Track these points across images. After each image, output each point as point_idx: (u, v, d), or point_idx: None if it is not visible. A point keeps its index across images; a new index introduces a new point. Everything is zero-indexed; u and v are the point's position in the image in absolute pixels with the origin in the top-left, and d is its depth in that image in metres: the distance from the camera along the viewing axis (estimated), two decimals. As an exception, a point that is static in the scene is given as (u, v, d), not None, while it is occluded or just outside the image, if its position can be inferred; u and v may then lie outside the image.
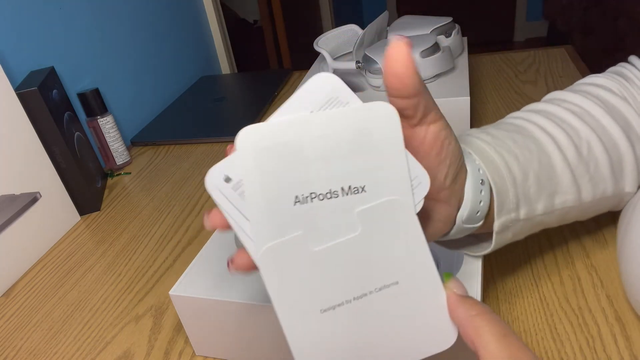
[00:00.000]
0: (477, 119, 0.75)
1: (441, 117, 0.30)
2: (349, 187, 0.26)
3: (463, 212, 0.34)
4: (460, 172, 0.33)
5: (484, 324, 0.25)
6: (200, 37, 1.23)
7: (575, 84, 0.46)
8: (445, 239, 0.37)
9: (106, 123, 0.77)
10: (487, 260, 0.47)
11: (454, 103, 0.63)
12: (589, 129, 0.41)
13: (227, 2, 2.08)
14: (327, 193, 0.26)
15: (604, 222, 0.50)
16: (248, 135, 0.25)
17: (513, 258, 0.47)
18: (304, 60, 1.21)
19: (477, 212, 0.35)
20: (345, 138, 0.26)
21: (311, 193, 0.26)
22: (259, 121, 0.91)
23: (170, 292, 0.39)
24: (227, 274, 0.40)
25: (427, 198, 0.28)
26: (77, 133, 0.71)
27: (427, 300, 0.27)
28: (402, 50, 0.26)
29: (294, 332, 0.26)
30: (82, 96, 0.76)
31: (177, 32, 1.13)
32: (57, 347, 0.47)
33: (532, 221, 0.39)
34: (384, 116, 0.26)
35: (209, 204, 0.66)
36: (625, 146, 0.41)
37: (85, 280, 0.56)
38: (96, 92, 0.76)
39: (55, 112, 0.65)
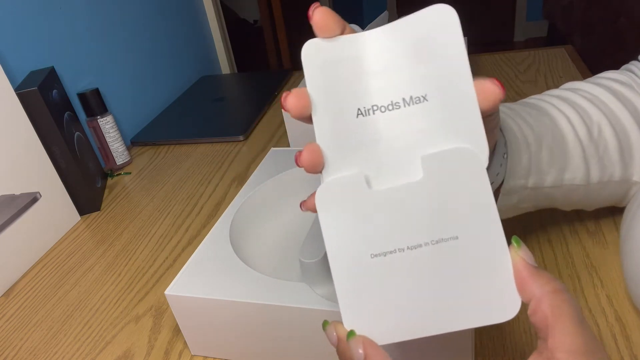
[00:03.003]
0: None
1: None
2: (410, 98, 0.26)
3: None
4: None
5: (564, 304, 0.23)
6: (200, 37, 1.23)
7: (591, 77, 0.48)
8: None
9: (106, 123, 0.77)
10: (487, 260, 0.48)
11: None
12: (600, 113, 0.41)
13: (227, 2, 2.08)
14: (388, 105, 0.26)
15: (604, 222, 0.50)
16: (311, 48, 0.26)
17: (513, 258, 0.47)
18: (304, 60, 1.21)
19: (492, 182, 0.36)
20: (405, 49, 0.25)
21: (373, 105, 0.26)
22: (258, 122, 0.91)
23: (166, 292, 0.39)
24: (222, 273, 0.41)
25: None
26: (77, 133, 0.71)
27: (489, 263, 0.25)
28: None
29: (340, 273, 0.25)
30: (82, 96, 0.76)
31: (177, 32, 1.13)
32: (57, 347, 0.47)
33: (538, 192, 0.39)
34: (441, 20, 0.25)
35: (209, 203, 0.66)
36: (635, 133, 0.41)
37: (85, 280, 0.56)
38: (96, 92, 0.76)
39: (55, 112, 0.65)
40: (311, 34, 0.31)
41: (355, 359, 0.24)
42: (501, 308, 0.24)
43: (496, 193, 0.39)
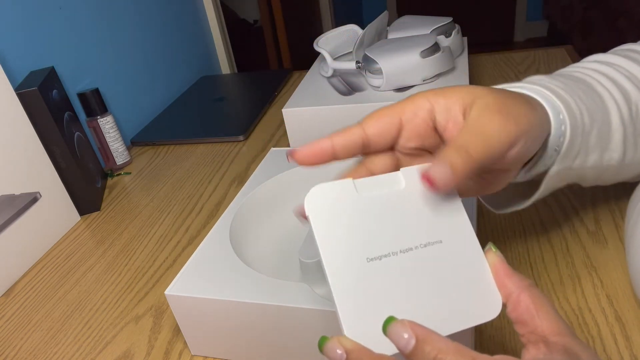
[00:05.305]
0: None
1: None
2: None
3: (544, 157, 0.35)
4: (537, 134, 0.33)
5: (541, 295, 0.25)
6: (200, 37, 1.23)
7: (613, 49, 0.46)
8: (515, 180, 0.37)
9: (106, 123, 0.77)
10: (487, 260, 0.48)
11: (454, 103, 0.62)
12: (637, 92, 0.41)
13: (227, 2, 2.08)
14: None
15: (604, 222, 0.50)
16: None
17: (513, 258, 0.47)
18: (304, 60, 1.21)
19: (555, 149, 0.35)
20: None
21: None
22: (258, 122, 0.91)
23: (166, 292, 0.39)
24: (222, 273, 0.40)
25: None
26: (77, 133, 0.71)
27: (470, 264, 0.27)
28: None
29: (338, 279, 0.25)
30: (82, 96, 0.76)
31: (177, 32, 1.13)
32: (57, 347, 0.47)
33: (578, 172, 0.38)
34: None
35: (209, 203, 0.66)
36: None
37: (85, 280, 0.56)
38: (96, 92, 0.76)
39: (55, 112, 0.65)
40: (311, 34, 0.31)
41: None
42: (487, 307, 0.26)
43: (541, 176, 0.38)
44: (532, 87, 0.37)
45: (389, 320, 0.24)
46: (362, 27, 0.76)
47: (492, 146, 0.29)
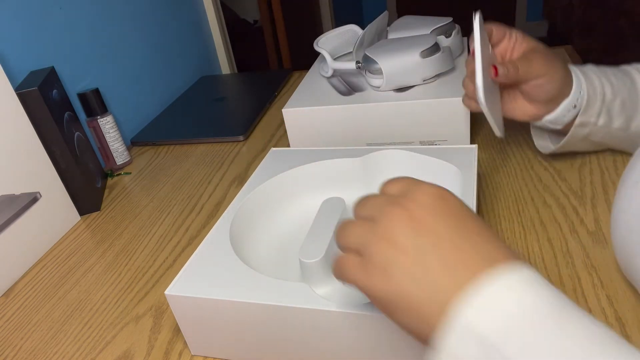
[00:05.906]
0: (477, 119, 0.75)
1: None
2: None
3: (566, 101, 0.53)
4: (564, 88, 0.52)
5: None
6: (200, 37, 1.23)
7: None
8: (540, 123, 0.55)
9: (106, 123, 0.77)
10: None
11: (454, 103, 0.63)
12: None
13: (227, 2, 2.08)
14: None
15: (604, 222, 0.50)
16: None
17: (513, 258, 0.47)
18: (304, 60, 1.21)
19: (574, 106, 0.52)
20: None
21: None
22: (258, 122, 0.91)
23: (166, 292, 0.39)
24: (222, 273, 0.40)
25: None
26: (77, 133, 0.71)
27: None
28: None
29: (482, 76, 0.49)
30: (82, 96, 0.76)
31: (177, 32, 1.14)
32: (57, 347, 0.47)
33: (607, 130, 0.54)
34: None
35: (209, 204, 0.66)
36: None
37: (85, 280, 0.56)
38: (96, 92, 0.76)
39: (55, 112, 0.65)
40: (311, 34, 0.31)
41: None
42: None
43: (570, 125, 0.54)
44: (573, 65, 0.54)
45: None
46: (362, 27, 0.76)
47: (529, 72, 0.51)
